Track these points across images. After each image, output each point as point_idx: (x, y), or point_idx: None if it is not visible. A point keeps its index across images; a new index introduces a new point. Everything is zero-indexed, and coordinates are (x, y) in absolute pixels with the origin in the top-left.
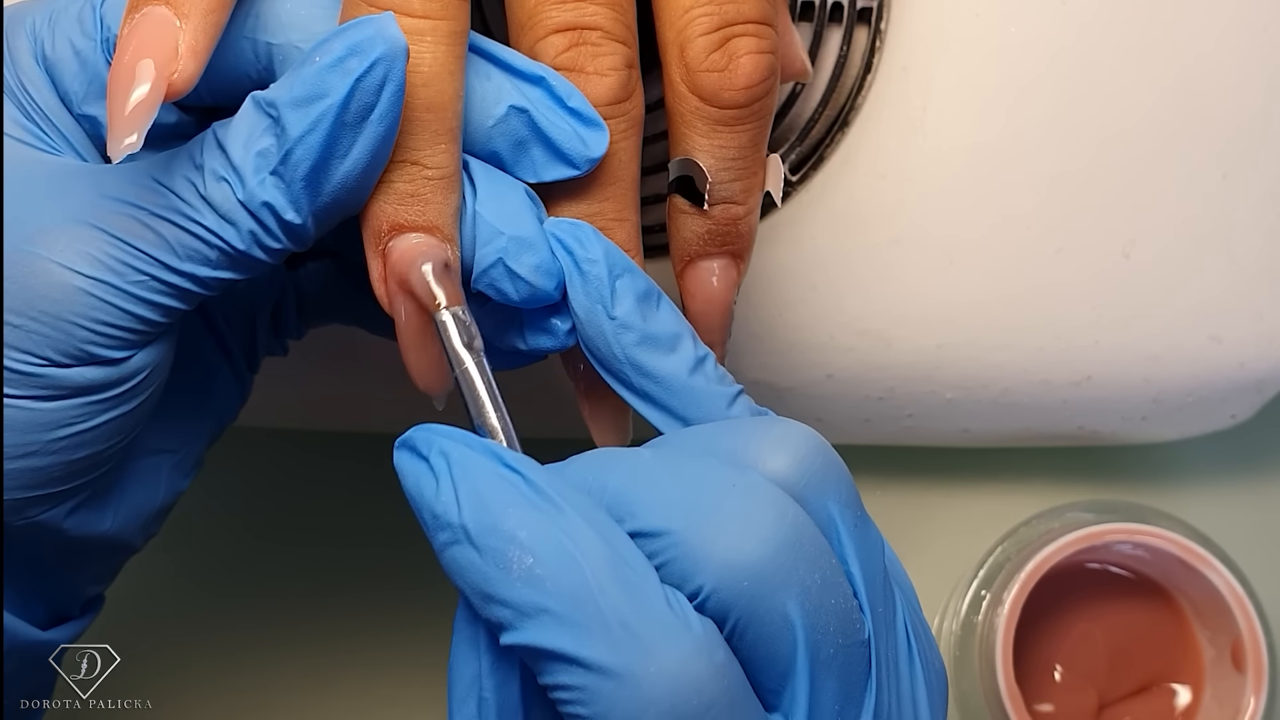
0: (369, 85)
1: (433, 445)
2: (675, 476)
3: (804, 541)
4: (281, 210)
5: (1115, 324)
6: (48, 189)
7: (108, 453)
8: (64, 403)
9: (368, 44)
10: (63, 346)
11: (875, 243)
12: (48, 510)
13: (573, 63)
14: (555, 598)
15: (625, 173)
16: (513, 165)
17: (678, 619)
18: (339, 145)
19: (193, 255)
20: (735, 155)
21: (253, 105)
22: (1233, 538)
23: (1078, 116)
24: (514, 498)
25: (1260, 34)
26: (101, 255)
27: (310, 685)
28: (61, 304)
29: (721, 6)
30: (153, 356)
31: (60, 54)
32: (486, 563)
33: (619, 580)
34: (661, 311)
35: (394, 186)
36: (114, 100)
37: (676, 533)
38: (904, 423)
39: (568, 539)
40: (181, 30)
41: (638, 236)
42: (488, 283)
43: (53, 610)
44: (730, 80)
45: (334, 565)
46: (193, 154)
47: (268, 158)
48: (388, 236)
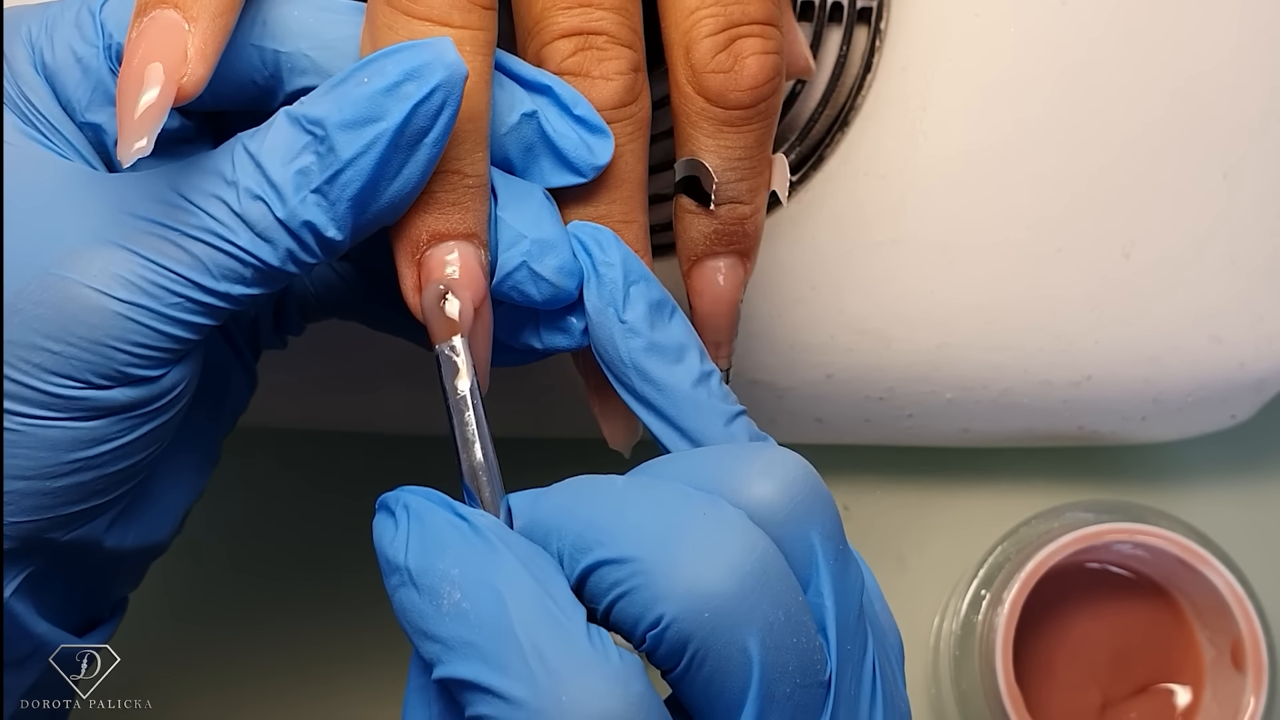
0: (427, 111)
1: (399, 500)
2: (645, 505)
3: (770, 576)
4: (323, 228)
5: (1115, 324)
6: (66, 202)
7: (143, 463)
8: (103, 421)
9: (427, 70)
10: (102, 370)
11: (875, 243)
12: (90, 522)
13: (579, 67)
14: (478, 630)
15: (632, 175)
16: (522, 171)
17: (596, 652)
18: (390, 167)
19: (228, 274)
20: (741, 155)
21: (289, 121)
22: (1233, 538)
23: (1078, 117)
24: (454, 540)
25: (1260, 35)
26: (135, 278)
27: (310, 685)
28: (99, 329)
29: (727, 8)
30: (186, 371)
31: (61, 62)
32: (423, 599)
33: (542, 614)
34: (673, 323)
35: (436, 196)
36: (123, 104)
37: (641, 560)
38: (904, 423)
39: (496, 575)
40: (190, 34)
41: (646, 238)
42: (511, 285)
43: (87, 616)
44: (736, 81)
45: (334, 565)
46: (221, 169)
47: (309, 176)
48: (426, 245)
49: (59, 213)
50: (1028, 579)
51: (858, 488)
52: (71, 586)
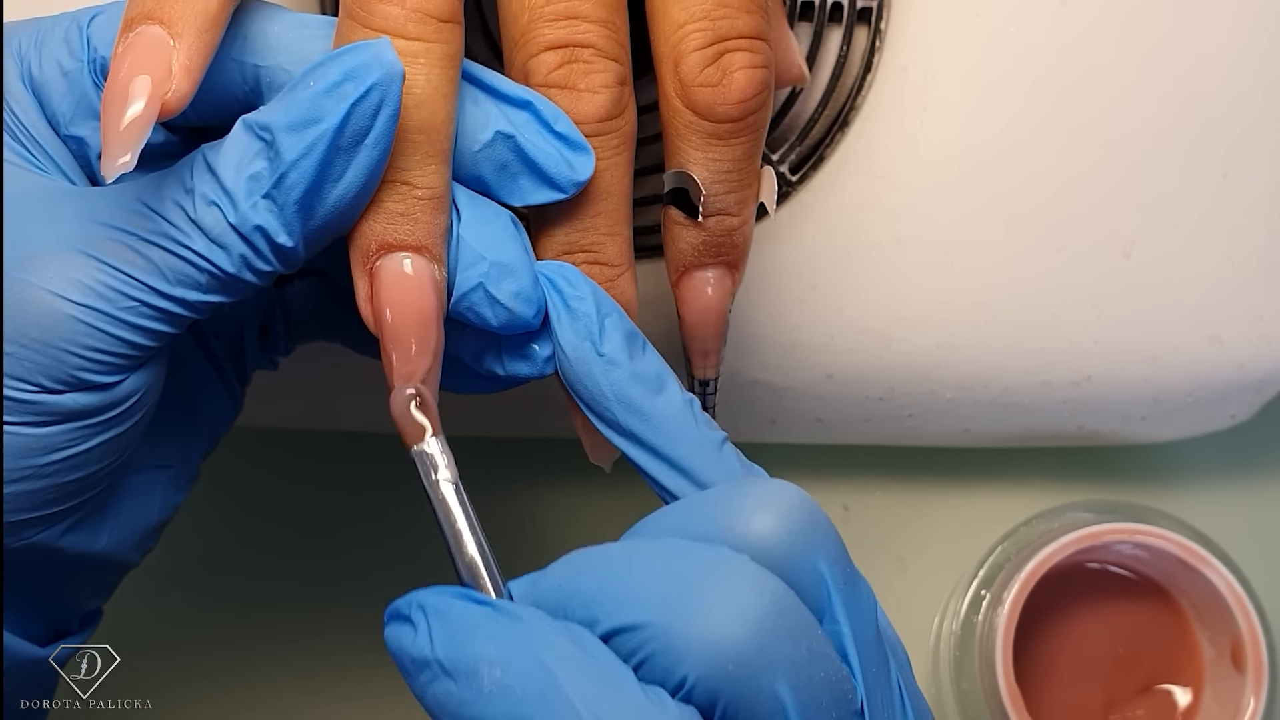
0: (364, 110)
1: (411, 603)
2: (646, 567)
3: (785, 614)
4: (274, 234)
5: (1115, 324)
6: (37, 213)
7: (100, 474)
8: (56, 428)
9: (364, 69)
10: (54, 373)
11: (875, 243)
12: (42, 531)
13: (564, 80)
14: (527, 703)
15: (617, 188)
16: (498, 190)
17: (654, 705)
18: (333, 169)
19: (183, 280)
20: (729, 168)
21: (244, 129)
22: (1233, 538)
23: (1078, 117)
24: (483, 620)
25: (1261, 35)
26: (91, 281)
27: (310, 685)
28: (52, 330)
29: (715, 22)
30: (144, 380)
31: (48, 75)
32: (461, 686)
33: (590, 675)
34: (648, 354)
35: (384, 206)
36: (108, 118)
37: (654, 624)
38: (904, 423)
39: (535, 644)
40: (175, 49)
41: (629, 251)
42: (467, 306)
43: (51, 627)
44: (724, 95)
45: (334, 565)
46: (182, 177)
47: (260, 181)
48: (376, 255)
49: (28, 223)
50: (1028, 579)
51: (858, 488)
52: (29, 594)
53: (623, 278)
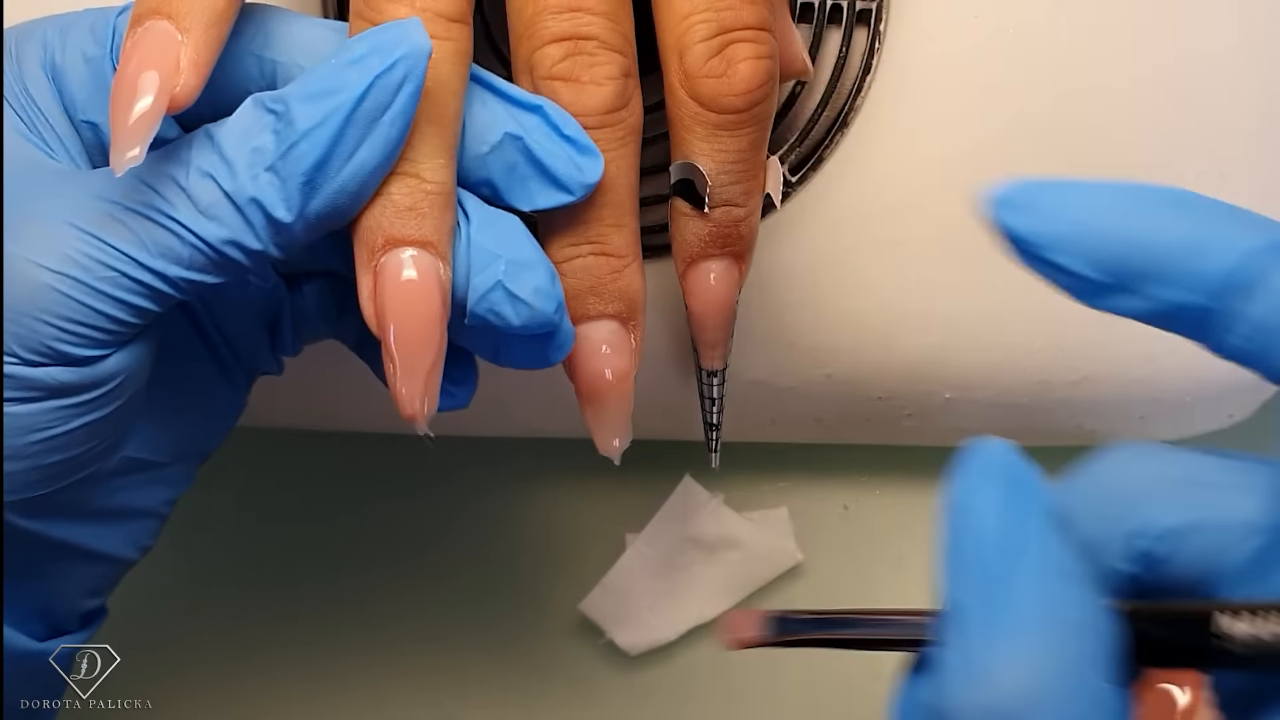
0: (388, 83)
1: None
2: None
3: None
4: (271, 207)
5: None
6: (36, 190)
7: (84, 458)
8: (37, 405)
9: (392, 44)
10: (29, 343)
11: (875, 243)
12: (27, 518)
13: (569, 72)
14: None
15: (623, 180)
16: (507, 192)
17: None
18: (345, 143)
19: (165, 253)
20: (735, 159)
21: (253, 103)
22: None
23: (1077, 117)
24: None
25: (1258, 35)
26: (72, 251)
27: (311, 686)
28: (27, 300)
29: (720, 13)
30: (127, 360)
31: (70, 61)
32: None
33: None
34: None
35: (392, 199)
36: (117, 113)
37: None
38: (904, 423)
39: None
40: (183, 44)
41: (636, 242)
42: (486, 308)
43: (50, 624)
44: (729, 86)
45: (335, 566)
46: (181, 151)
47: (263, 154)
48: (382, 251)
49: (25, 198)
50: None
51: (858, 488)
52: (25, 591)
53: (630, 269)
